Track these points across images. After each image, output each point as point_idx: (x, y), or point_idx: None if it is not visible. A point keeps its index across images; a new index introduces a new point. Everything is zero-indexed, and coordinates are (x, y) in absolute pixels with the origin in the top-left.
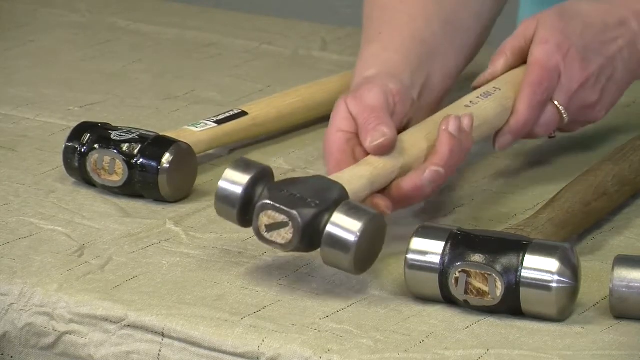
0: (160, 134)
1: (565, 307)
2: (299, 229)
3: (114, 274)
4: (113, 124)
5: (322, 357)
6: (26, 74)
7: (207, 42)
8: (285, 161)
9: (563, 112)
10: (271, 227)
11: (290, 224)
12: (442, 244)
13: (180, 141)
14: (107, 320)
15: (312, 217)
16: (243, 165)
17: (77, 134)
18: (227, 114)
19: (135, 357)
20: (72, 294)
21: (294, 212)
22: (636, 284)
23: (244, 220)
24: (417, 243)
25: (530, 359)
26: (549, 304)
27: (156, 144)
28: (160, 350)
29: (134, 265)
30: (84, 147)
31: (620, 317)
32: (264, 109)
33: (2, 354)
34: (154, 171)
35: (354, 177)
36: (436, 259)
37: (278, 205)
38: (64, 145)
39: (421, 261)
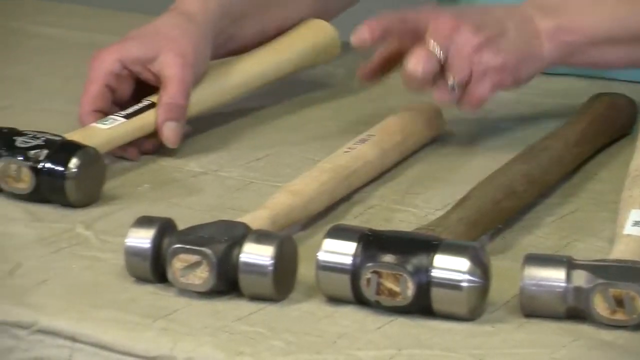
0: (68, 133)
1: (475, 306)
2: (214, 265)
3: (23, 278)
4: (22, 129)
5: (235, 359)
6: None
7: None
8: (197, 164)
9: (433, 47)
10: (186, 270)
11: (204, 262)
12: (354, 244)
13: (87, 146)
14: (17, 325)
15: (224, 252)
16: (146, 221)
17: None
18: (137, 107)
19: None
20: None
21: (206, 249)
22: (546, 282)
23: (157, 274)
24: (328, 244)
25: (441, 358)
26: (460, 303)
27: (62, 150)
28: (71, 355)
29: (44, 270)
30: None
31: (530, 315)
32: None
33: None
34: (60, 177)
35: (255, 218)
36: (348, 260)
37: (189, 247)
38: None
39: (332, 262)
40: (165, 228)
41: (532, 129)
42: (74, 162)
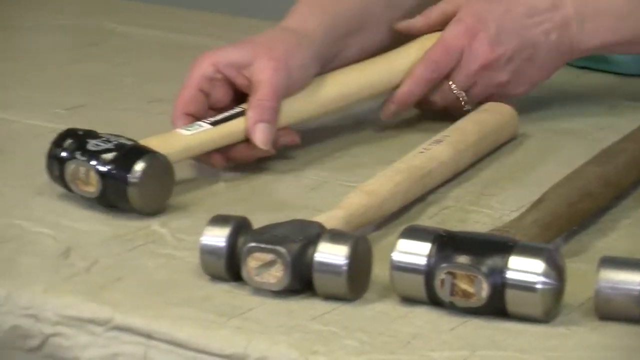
0: (149, 137)
1: (550, 308)
2: (288, 264)
3: (100, 275)
4: (99, 127)
5: (309, 358)
6: (12, 77)
7: (193, 45)
8: (273, 163)
9: (455, 90)
10: (260, 269)
11: (279, 261)
12: (428, 245)
13: (155, 152)
14: (93, 322)
15: (299, 251)
16: (221, 219)
17: (59, 141)
18: (226, 114)
19: (121, 359)
20: (58, 296)
21: (280, 248)
22: (621, 285)
23: (231, 273)
24: (403, 244)
25: None
26: (535, 305)
27: (129, 154)
28: (146, 352)
29: (120, 267)
30: (64, 154)
31: (605, 318)
32: None
33: None
34: (123, 182)
35: (330, 218)
36: (422, 261)
37: (264, 246)
38: (47, 153)
39: (407, 262)
40: (240, 227)
41: (608, 131)
42: (138, 167)
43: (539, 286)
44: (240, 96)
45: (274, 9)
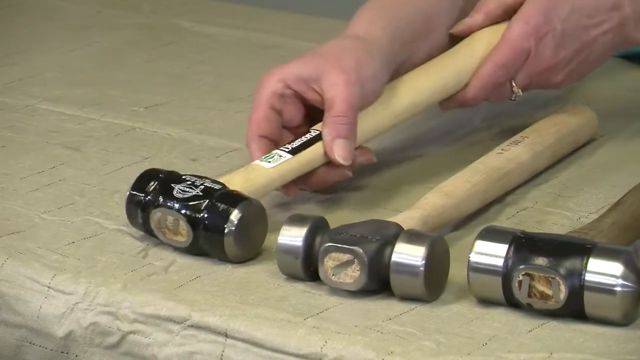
0: (231, 174)
1: (629, 311)
2: (365, 264)
3: (177, 274)
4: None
5: (385, 358)
6: (91, 75)
7: (271, 44)
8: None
9: (516, 90)
10: (338, 269)
11: (356, 261)
12: (506, 246)
13: (248, 198)
14: (170, 320)
15: (375, 251)
16: (298, 219)
17: (140, 186)
18: (303, 139)
19: (198, 357)
20: (136, 293)
21: (358, 248)
22: None
23: (308, 272)
24: (480, 246)
25: None
26: (613, 308)
27: (222, 202)
28: (223, 351)
29: (198, 266)
30: (147, 201)
31: None
32: None
33: (68, 353)
34: (219, 233)
35: (407, 219)
36: (500, 262)
37: (341, 246)
38: (127, 196)
39: (485, 264)
40: (317, 226)
41: None
42: (234, 217)
43: (617, 289)
44: (312, 112)
45: (351, 10)
